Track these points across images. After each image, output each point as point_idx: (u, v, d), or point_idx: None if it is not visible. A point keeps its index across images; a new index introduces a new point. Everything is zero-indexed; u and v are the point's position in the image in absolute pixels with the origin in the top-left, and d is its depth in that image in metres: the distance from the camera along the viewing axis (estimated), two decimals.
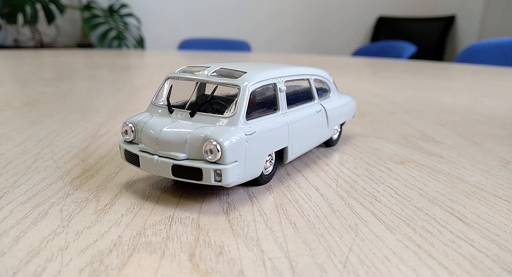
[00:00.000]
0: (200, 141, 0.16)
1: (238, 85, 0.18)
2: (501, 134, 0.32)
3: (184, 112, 0.18)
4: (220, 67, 0.19)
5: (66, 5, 2.09)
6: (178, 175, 0.16)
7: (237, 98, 0.18)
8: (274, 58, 1.19)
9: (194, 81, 0.19)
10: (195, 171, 0.16)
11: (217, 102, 0.18)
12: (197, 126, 0.17)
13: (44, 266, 0.12)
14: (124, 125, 0.18)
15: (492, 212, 0.17)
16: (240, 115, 0.17)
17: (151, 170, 0.17)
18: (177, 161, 0.16)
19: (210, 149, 0.16)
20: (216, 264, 0.13)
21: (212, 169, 0.16)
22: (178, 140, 0.17)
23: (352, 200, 0.18)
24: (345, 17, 2.65)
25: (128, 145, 0.18)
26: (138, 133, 0.18)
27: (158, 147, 0.17)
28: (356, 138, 0.31)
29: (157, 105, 0.19)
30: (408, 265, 0.13)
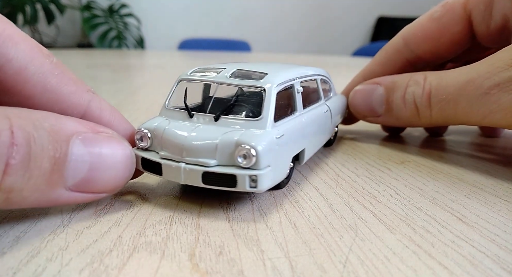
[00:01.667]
0: (232, 146, 0.16)
1: (262, 87, 0.17)
2: None
3: (206, 116, 0.17)
4: (237, 69, 0.19)
5: (66, 5, 2.09)
6: (209, 182, 0.16)
7: (263, 100, 0.17)
8: (274, 58, 1.19)
9: (211, 84, 0.18)
10: (229, 178, 0.15)
11: (240, 105, 0.18)
12: (225, 130, 0.16)
13: (44, 266, 0.12)
14: (139, 131, 0.17)
15: (492, 212, 0.17)
16: (268, 118, 0.17)
17: (177, 178, 0.16)
18: (208, 168, 0.15)
19: (244, 154, 0.15)
20: (216, 264, 0.13)
21: (247, 175, 0.15)
22: (207, 146, 0.16)
23: (352, 200, 0.18)
24: (345, 17, 2.65)
25: (144, 153, 0.17)
26: (155, 140, 0.17)
27: (185, 154, 0.16)
28: (356, 138, 0.31)
29: (172, 109, 0.18)
30: (408, 265, 0.13)
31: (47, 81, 0.15)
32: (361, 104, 0.28)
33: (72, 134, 0.14)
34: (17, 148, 0.12)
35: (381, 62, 0.29)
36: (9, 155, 0.12)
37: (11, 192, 0.12)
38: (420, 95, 0.24)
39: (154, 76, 0.69)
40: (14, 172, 0.12)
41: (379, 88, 0.26)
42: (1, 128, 0.12)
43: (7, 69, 0.14)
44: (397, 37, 0.28)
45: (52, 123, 0.13)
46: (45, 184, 0.13)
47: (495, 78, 0.20)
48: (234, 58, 1.13)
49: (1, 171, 0.12)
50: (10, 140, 0.12)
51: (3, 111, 0.13)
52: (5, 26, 0.14)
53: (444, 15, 0.26)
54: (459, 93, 0.21)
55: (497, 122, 0.20)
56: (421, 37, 0.27)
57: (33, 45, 0.15)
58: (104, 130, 0.16)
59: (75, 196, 0.14)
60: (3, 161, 0.12)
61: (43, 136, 0.13)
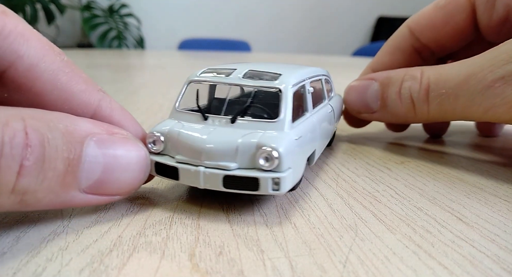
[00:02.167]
0: (253, 148, 0.15)
1: (279, 88, 0.17)
2: None
3: (222, 118, 0.17)
4: (248, 69, 0.18)
5: (66, 5, 2.09)
6: (230, 186, 0.15)
7: (280, 101, 0.17)
8: (274, 58, 1.19)
9: (224, 85, 0.18)
10: (251, 181, 0.15)
11: (255, 106, 0.17)
12: (243, 132, 0.16)
13: (44, 266, 0.12)
14: (151, 135, 0.17)
15: (492, 212, 0.17)
16: (286, 119, 0.17)
17: (195, 182, 0.16)
18: (229, 171, 0.15)
19: (266, 157, 0.15)
20: (216, 264, 0.13)
21: (270, 177, 0.15)
22: (228, 149, 0.15)
23: (352, 200, 0.18)
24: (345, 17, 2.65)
25: (157, 157, 0.16)
26: (168, 143, 0.17)
27: (204, 157, 0.15)
28: (356, 138, 0.31)
29: (183, 111, 0.18)
30: (408, 265, 0.13)
31: (57, 79, 0.15)
32: (355, 100, 0.27)
33: (86, 135, 0.14)
34: (31, 150, 0.12)
35: (388, 51, 0.29)
36: (23, 156, 0.12)
37: (25, 194, 0.12)
38: (417, 90, 0.23)
39: (154, 76, 0.69)
40: (28, 174, 0.12)
41: (374, 84, 0.26)
42: (16, 129, 0.12)
43: (18, 66, 0.14)
44: (403, 26, 0.28)
45: (66, 124, 0.13)
46: (59, 186, 0.13)
47: (499, 71, 0.19)
48: (234, 58, 1.13)
49: (15, 173, 0.12)
50: (24, 141, 0.12)
51: (18, 112, 0.13)
52: (17, 23, 0.14)
53: (449, 4, 0.26)
54: (460, 86, 0.21)
55: (500, 116, 0.20)
56: (426, 25, 0.27)
57: (44, 43, 0.15)
58: (118, 131, 0.15)
59: (89, 198, 0.14)
60: (17, 162, 0.12)
61: (57, 137, 0.13)
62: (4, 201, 0.12)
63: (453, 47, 0.27)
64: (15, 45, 0.13)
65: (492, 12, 0.24)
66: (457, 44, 0.27)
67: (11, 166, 0.12)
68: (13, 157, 0.12)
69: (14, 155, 0.12)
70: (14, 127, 0.12)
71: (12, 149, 0.12)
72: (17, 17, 0.14)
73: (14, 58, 0.13)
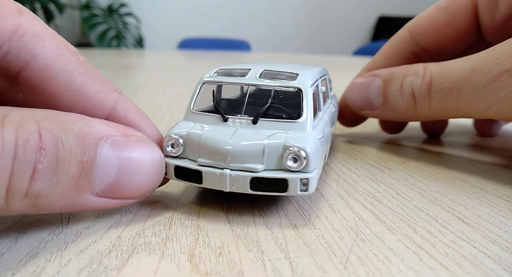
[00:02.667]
0: (280, 149, 0.15)
1: (299, 87, 0.17)
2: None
3: (242, 119, 0.17)
4: (263, 69, 0.18)
5: (65, 4, 2.09)
6: (258, 189, 0.15)
7: (302, 101, 0.17)
8: (274, 58, 1.19)
9: (239, 86, 0.18)
10: (280, 183, 0.15)
11: (275, 107, 0.17)
12: (268, 133, 0.16)
13: (43, 267, 0.12)
14: (170, 137, 0.16)
15: (493, 212, 0.17)
16: (308, 119, 0.17)
17: (220, 186, 0.15)
18: (256, 173, 0.15)
19: (294, 157, 0.15)
20: (215, 265, 0.13)
21: (299, 178, 0.15)
22: (254, 150, 0.15)
23: (353, 201, 0.18)
24: (346, 17, 2.65)
25: (176, 160, 0.16)
26: (188, 146, 0.16)
27: (230, 160, 0.15)
28: (356, 138, 0.31)
29: (200, 113, 0.17)
30: (409, 265, 0.13)
31: (72, 80, 0.14)
32: (357, 96, 0.27)
33: (101, 137, 0.14)
34: (44, 153, 0.12)
35: (386, 54, 0.29)
36: (37, 159, 0.12)
37: (38, 197, 0.12)
38: (419, 84, 0.23)
39: (154, 76, 0.69)
40: (41, 177, 0.12)
41: (377, 80, 0.26)
42: (30, 132, 0.12)
43: (33, 66, 0.13)
44: (403, 29, 0.28)
45: (81, 125, 0.13)
46: (73, 189, 0.13)
47: (505, 64, 0.18)
48: (234, 58, 1.13)
49: (29, 176, 0.12)
50: (38, 144, 0.12)
51: (32, 114, 0.12)
52: (32, 21, 0.13)
53: (451, 5, 0.26)
54: (463, 81, 0.20)
55: (504, 112, 0.19)
56: (427, 27, 0.26)
57: (59, 42, 0.14)
58: (134, 133, 0.15)
59: (102, 202, 0.14)
60: (30, 166, 0.12)
61: (71, 140, 0.13)
62: (17, 205, 0.12)
63: (453, 49, 0.27)
64: (30, 44, 0.13)
65: (495, 11, 0.24)
66: (458, 46, 0.27)
67: (25, 169, 0.11)
68: (26, 160, 0.11)
69: (28, 159, 0.11)
70: (28, 130, 0.12)
71: (26, 152, 0.11)
72: (32, 16, 0.14)
73: (29, 58, 0.13)
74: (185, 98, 0.46)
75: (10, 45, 0.13)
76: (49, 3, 1.98)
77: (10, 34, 0.13)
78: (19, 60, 0.13)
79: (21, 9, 0.13)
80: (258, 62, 0.20)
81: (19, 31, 0.13)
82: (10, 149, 0.11)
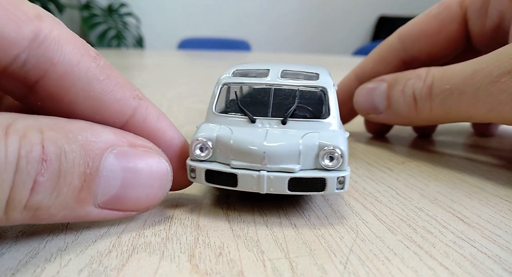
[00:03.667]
0: (315, 149, 0.15)
1: (324, 87, 0.17)
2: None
3: (271, 120, 0.16)
4: (282, 69, 0.18)
5: (65, 4, 2.09)
6: (296, 189, 0.15)
7: (328, 100, 0.17)
8: (274, 58, 1.19)
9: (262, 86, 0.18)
10: (318, 182, 0.15)
11: (300, 107, 0.17)
12: (300, 133, 0.16)
13: (43, 267, 0.12)
14: (198, 141, 0.16)
15: (493, 212, 0.17)
16: (336, 118, 0.17)
17: (257, 188, 0.15)
18: (294, 174, 0.15)
19: (330, 156, 0.15)
20: (215, 265, 0.13)
21: (336, 177, 0.15)
22: (291, 151, 0.15)
23: (353, 201, 0.18)
24: (346, 16, 2.65)
25: (207, 164, 0.16)
26: (218, 149, 0.16)
27: (267, 161, 0.15)
28: (356, 138, 0.31)
29: (223, 115, 0.17)
30: (409, 265, 0.13)
31: (91, 88, 0.14)
32: (363, 101, 0.27)
33: (106, 147, 0.13)
34: (46, 164, 0.12)
35: (375, 60, 0.29)
36: (38, 171, 0.12)
37: (38, 209, 0.12)
38: (420, 87, 0.23)
39: (154, 76, 0.69)
40: (41, 190, 0.12)
41: (383, 84, 0.26)
42: (33, 142, 0.11)
43: (51, 74, 0.13)
44: (393, 36, 0.28)
45: (86, 135, 0.13)
46: (74, 201, 0.13)
47: (506, 65, 0.18)
48: (234, 58, 1.13)
49: (29, 189, 0.11)
50: (40, 156, 0.12)
51: (36, 123, 0.12)
52: (51, 27, 0.13)
53: (441, 13, 0.26)
54: (465, 82, 0.20)
55: (505, 115, 0.19)
56: (417, 35, 0.27)
57: (80, 47, 0.14)
58: (142, 143, 0.15)
59: (104, 214, 0.14)
60: (31, 178, 0.11)
61: (75, 150, 0.12)
62: (17, 216, 0.12)
63: (442, 57, 0.27)
64: (49, 52, 0.13)
65: (485, 19, 0.24)
66: (447, 54, 0.27)
67: (25, 182, 0.11)
68: (28, 172, 0.11)
69: (29, 170, 0.11)
70: (31, 140, 0.11)
71: (28, 164, 0.11)
72: (52, 20, 0.13)
73: (48, 66, 0.13)
74: (185, 98, 0.46)
75: (28, 53, 0.12)
76: (49, 3, 1.98)
77: (29, 41, 0.12)
78: (37, 68, 0.13)
79: (41, 13, 0.13)
80: (270, 62, 0.20)
81: (38, 38, 0.12)
82: (13, 160, 0.11)
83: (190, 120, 0.35)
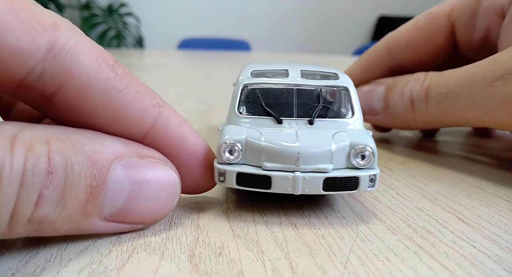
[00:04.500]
0: (346, 148, 0.15)
1: (346, 86, 0.17)
2: None
3: (298, 120, 0.16)
4: (301, 69, 0.18)
5: (65, 4, 2.09)
6: (330, 189, 0.15)
7: (351, 99, 0.17)
8: (274, 58, 1.19)
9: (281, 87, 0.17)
10: (351, 181, 0.15)
11: (324, 107, 0.17)
12: (329, 133, 0.16)
13: (43, 267, 0.12)
14: (227, 144, 0.15)
15: (493, 212, 0.17)
16: (360, 117, 0.17)
17: (292, 189, 0.15)
18: (328, 173, 0.15)
19: (362, 155, 0.15)
20: (215, 265, 0.13)
21: (368, 175, 0.15)
22: (324, 151, 0.15)
23: (353, 201, 0.18)
24: (346, 16, 2.65)
25: (237, 167, 0.15)
26: (248, 151, 0.16)
27: (301, 162, 0.15)
28: None
29: (247, 116, 0.17)
30: (409, 265, 0.13)
31: (110, 99, 0.13)
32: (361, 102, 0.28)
33: (114, 158, 0.13)
34: (52, 177, 0.11)
35: (362, 66, 0.29)
36: (43, 184, 0.11)
37: (42, 223, 0.12)
38: (418, 89, 0.23)
39: (154, 76, 0.69)
40: (46, 204, 0.11)
41: (381, 87, 0.26)
42: (40, 154, 0.11)
43: (68, 86, 0.12)
44: (381, 43, 0.29)
45: (94, 145, 0.13)
46: (79, 214, 0.12)
47: (499, 70, 0.19)
48: (234, 58, 1.13)
49: (33, 202, 0.11)
50: (47, 168, 0.11)
51: (43, 133, 0.12)
52: (68, 36, 0.12)
53: (428, 24, 0.26)
54: (460, 86, 0.21)
55: (498, 118, 0.19)
56: (405, 44, 0.27)
57: (97, 55, 0.13)
58: (150, 154, 0.14)
59: (110, 226, 0.14)
60: (36, 191, 0.11)
61: (82, 161, 0.12)
62: (20, 230, 0.11)
63: (430, 65, 0.28)
64: (66, 63, 0.12)
65: (472, 32, 0.25)
66: (434, 62, 0.28)
67: (30, 195, 0.11)
68: (33, 185, 0.11)
69: (35, 183, 0.11)
70: (38, 152, 0.11)
71: (34, 176, 0.11)
72: (68, 29, 0.13)
73: (65, 78, 0.12)
74: (185, 98, 0.46)
75: (44, 65, 0.12)
76: (49, 3, 1.98)
77: (45, 53, 0.12)
78: (54, 80, 0.12)
79: (57, 22, 0.12)
80: (283, 62, 0.20)
81: (54, 49, 0.12)
82: (18, 173, 0.11)
83: (190, 120, 0.35)
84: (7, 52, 0.11)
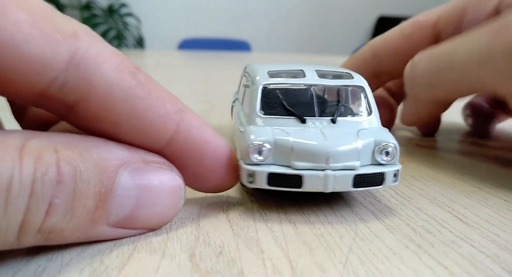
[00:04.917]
0: (371, 145, 0.16)
1: (361, 86, 0.18)
2: None
3: (322, 119, 0.17)
4: (315, 69, 0.19)
5: (65, 4, 2.09)
6: (359, 185, 0.16)
7: (368, 98, 0.18)
8: (274, 58, 1.19)
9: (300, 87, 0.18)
10: (378, 177, 0.16)
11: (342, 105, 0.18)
12: (352, 130, 0.16)
13: (44, 266, 0.12)
14: (255, 145, 0.15)
15: (492, 212, 0.17)
16: (376, 115, 0.17)
17: (323, 187, 0.15)
18: (357, 170, 0.15)
19: (386, 151, 0.16)
20: (216, 264, 0.13)
21: (392, 170, 0.16)
22: (352, 148, 0.15)
23: (352, 200, 0.18)
24: (346, 17, 2.65)
25: (267, 167, 0.16)
26: (277, 151, 0.16)
27: (331, 160, 0.15)
28: None
29: (269, 116, 0.17)
30: (408, 265, 0.13)
31: (133, 107, 0.13)
32: None
33: (121, 164, 0.13)
34: (61, 186, 0.11)
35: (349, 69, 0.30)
36: (53, 194, 0.11)
37: (51, 232, 0.12)
38: None
39: (154, 76, 0.69)
40: (56, 213, 0.11)
41: None
42: (49, 163, 0.11)
43: (90, 96, 0.12)
44: (367, 49, 0.29)
45: (100, 152, 0.13)
46: (88, 222, 0.12)
47: None
48: (234, 58, 1.13)
49: (43, 212, 0.11)
50: (56, 178, 0.11)
51: (51, 142, 0.12)
52: (88, 44, 0.12)
53: (414, 33, 0.27)
54: None
55: None
56: (390, 51, 0.28)
57: (118, 63, 0.13)
58: (154, 159, 0.14)
59: (117, 233, 0.14)
60: (46, 200, 0.11)
61: (90, 169, 0.12)
62: (29, 240, 0.11)
63: None
64: (87, 73, 0.12)
65: None
66: None
67: (40, 205, 0.11)
68: (43, 195, 0.11)
69: (44, 193, 0.11)
70: (47, 161, 0.11)
71: (43, 186, 0.11)
72: (89, 37, 0.12)
73: (87, 88, 0.12)
74: (186, 98, 0.46)
75: (66, 75, 0.12)
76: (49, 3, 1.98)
77: (66, 63, 0.11)
78: (76, 90, 0.12)
79: (77, 31, 0.12)
80: (294, 62, 0.20)
81: (75, 59, 0.12)
82: (28, 184, 0.11)
83: None
84: (29, 63, 0.11)
